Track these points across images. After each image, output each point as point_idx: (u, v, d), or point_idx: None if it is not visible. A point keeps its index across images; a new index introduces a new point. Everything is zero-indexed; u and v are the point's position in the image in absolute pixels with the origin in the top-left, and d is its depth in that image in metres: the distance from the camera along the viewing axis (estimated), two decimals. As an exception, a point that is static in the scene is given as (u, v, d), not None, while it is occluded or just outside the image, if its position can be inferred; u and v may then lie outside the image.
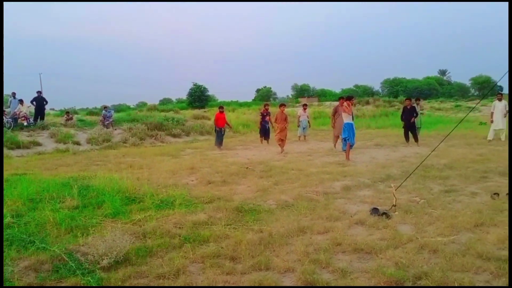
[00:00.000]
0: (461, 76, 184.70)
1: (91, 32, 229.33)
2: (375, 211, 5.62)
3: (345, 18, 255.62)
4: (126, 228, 5.17)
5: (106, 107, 22.81)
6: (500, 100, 15.11)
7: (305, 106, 19.45)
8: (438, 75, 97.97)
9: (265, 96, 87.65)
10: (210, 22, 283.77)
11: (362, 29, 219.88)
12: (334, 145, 14.30)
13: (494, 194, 6.49)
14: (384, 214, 5.51)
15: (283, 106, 14.93)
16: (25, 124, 18.87)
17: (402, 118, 14.90)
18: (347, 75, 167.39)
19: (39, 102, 20.28)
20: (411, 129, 14.56)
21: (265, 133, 16.96)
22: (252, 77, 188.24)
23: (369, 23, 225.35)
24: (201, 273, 3.94)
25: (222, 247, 4.52)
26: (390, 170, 9.03)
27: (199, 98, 52.18)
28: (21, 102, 19.53)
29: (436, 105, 44.87)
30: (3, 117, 17.68)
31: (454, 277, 3.58)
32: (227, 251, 4.40)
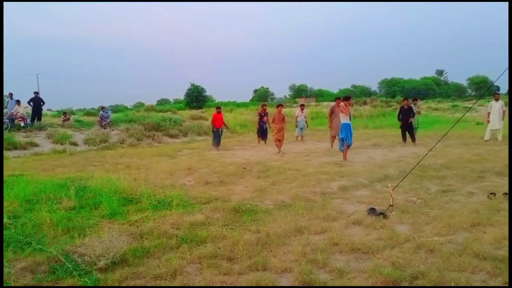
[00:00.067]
0: (458, 76, 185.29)
1: (88, 32, 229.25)
2: (372, 211, 5.63)
3: (343, 18, 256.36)
4: (123, 229, 5.16)
5: (103, 108, 22.80)
6: (497, 100, 15.14)
7: (302, 107, 19.45)
8: (435, 75, 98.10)
9: (262, 96, 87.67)
10: (208, 22, 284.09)
11: (360, 29, 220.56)
12: (331, 145, 14.32)
13: (491, 194, 6.51)
14: (381, 214, 5.52)
15: (281, 106, 14.94)
16: (22, 124, 18.84)
17: (399, 118, 14.96)
18: (345, 76, 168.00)
19: (36, 102, 20.26)
20: (409, 129, 14.60)
21: (262, 133, 16.98)
22: (249, 77, 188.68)
23: (367, 24, 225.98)
24: (198, 273, 3.94)
25: (219, 248, 4.52)
26: (387, 170, 9.05)
27: (197, 98, 52.24)
28: (18, 102, 19.48)
29: (433, 105, 44.93)
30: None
31: (450, 276, 3.59)
32: (224, 252, 4.39)
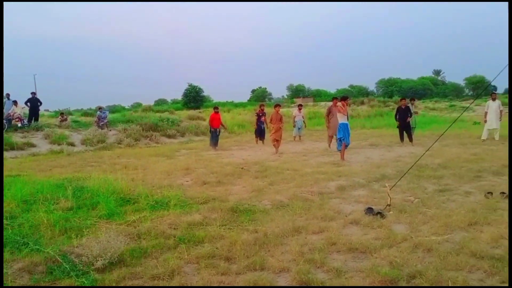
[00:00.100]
0: (455, 76, 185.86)
1: (86, 32, 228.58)
2: (370, 211, 5.64)
3: (340, 19, 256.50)
4: (121, 229, 5.16)
5: (100, 108, 22.75)
6: (494, 100, 15.17)
7: (300, 107, 19.46)
8: (432, 75, 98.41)
9: (260, 96, 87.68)
10: (205, 23, 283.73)
11: (358, 30, 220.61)
12: (329, 145, 14.35)
13: (488, 193, 6.52)
14: (378, 213, 5.53)
15: (278, 106, 14.92)
16: (19, 125, 18.78)
17: (396, 118, 14.98)
18: (342, 76, 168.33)
19: (33, 103, 20.19)
20: (406, 129, 14.63)
21: (260, 133, 16.99)
22: (247, 77, 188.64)
23: (364, 24, 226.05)
24: (196, 273, 3.94)
25: (217, 248, 4.52)
26: (384, 170, 9.06)
27: (194, 98, 52.17)
28: (15, 103, 19.42)
29: (430, 105, 45.12)
30: None
31: (448, 275, 3.60)
32: (222, 252, 4.39)
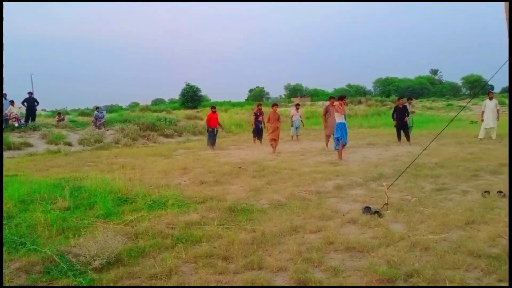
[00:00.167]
0: (452, 75, 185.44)
1: (83, 32, 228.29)
2: (367, 210, 5.64)
3: (338, 19, 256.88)
4: (118, 229, 5.15)
5: (98, 108, 22.69)
6: (491, 99, 15.19)
7: (297, 106, 19.45)
8: (429, 75, 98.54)
9: (258, 96, 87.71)
10: (203, 22, 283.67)
11: (355, 29, 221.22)
12: (326, 144, 14.36)
13: (485, 192, 6.53)
14: (376, 212, 5.53)
15: (276, 106, 14.93)
16: (16, 125, 18.72)
17: (394, 117, 15.00)
18: (340, 75, 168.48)
19: (30, 103, 20.13)
20: (404, 128, 14.65)
21: (258, 133, 16.99)
22: (245, 77, 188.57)
23: (362, 24, 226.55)
24: (193, 273, 3.94)
25: (214, 247, 4.51)
26: (382, 169, 9.07)
27: (192, 98, 52.15)
28: (12, 103, 19.33)
29: (427, 104, 45.23)
30: None
31: (445, 274, 3.61)
32: (220, 251, 4.39)
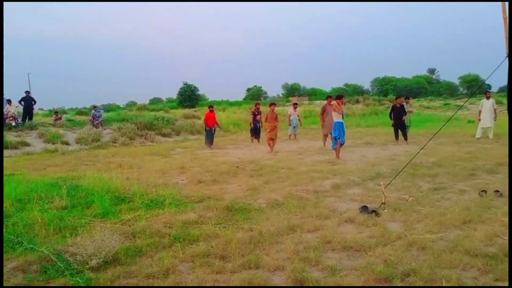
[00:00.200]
0: (449, 74, 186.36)
1: (81, 31, 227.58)
2: (365, 209, 5.65)
3: (336, 18, 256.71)
4: (116, 228, 5.15)
5: (95, 107, 22.65)
6: (488, 98, 15.20)
7: (295, 105, 19.47)
8: (427, 74, 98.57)
9: (255, 95, 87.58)
10: (201, 22, 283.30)
11: (353, 29, 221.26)
12: (324, 143, 14.38)
13: (482, 191, 6.55)
14: (373, 212, 5.54)
15: (273, 105, 14.93)
16: (13, 124, 18.68)
17: (391, 117, 15.02)
18: (338, 74, 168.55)
19: (27, 102, 20.08)
20: (401, 127, 14.67)
21: (256, 132, 17.00)
22: (242, 76, 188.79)
23: (360, 24, 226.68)
24: (190, 272, 3.94)
25: (212, 246, 4.51)
26: (379, 168, 9.09)
27: (190, 97, 52.07)
28: (9, 102, 19.30)
29: (425, 103, 45.25)
30: None
31: (442, 273, 3.62)
32: (217, 250, 4.39)
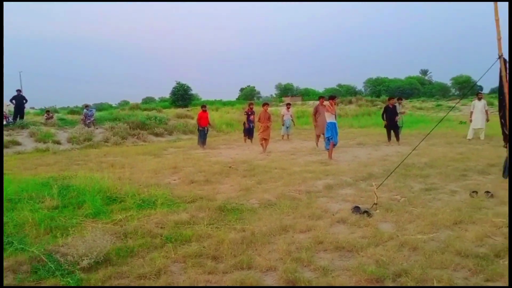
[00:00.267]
0: (442, 76, 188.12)
1: (73, 30, 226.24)
2: (357, 210, 5.67)
3: (329, 19, 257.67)
4: (107, 228, 5.12)
5: (87, 106, 22.46)
6: (480, 99, 15.32)
7: (288, 105, 19.47)
8: (419, 75, 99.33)
9: (249, 95, 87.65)
10: (194, 21, 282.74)
11: (346, 30, 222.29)
12: (317, 144, 14.40)
13: (473, 192, 6.60)
14: (365, 212, 5.56)
15: (266, 105, 14.92)
16: (4, 123, 18.48)
17: (384, 117, 15.07)
18: (330, 75, 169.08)
19: (19, 100, 19.88)
20: (394, 128, 14.72)
21: (249, 132, 17.00)
22: (236, 76, 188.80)
23: (352, 24, 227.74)
24: (182, 272, 3.92)
25: (204, 247, 4.50)
26: (371, 169, 9.12)
27: (182, 97, 52.01)
28: (-1, 100, 19.13)
29: (417, 104, 45.52)
30: None
31: (433, 274, 3.63)
32: (209, 251, 4.38)
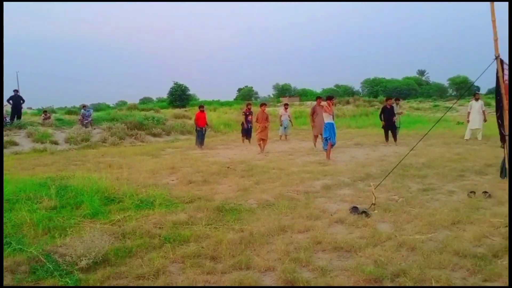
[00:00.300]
0: (439, 76, 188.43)
1: (71, 30, 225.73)
2: (355, 210, 5.68)
3: (327, 19, 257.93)
4: (105, 228, 5.11)
5: (85, 106, 22.41)
6: (477, 100, 15.34)
7: (286, 106, 19.49)
8: (417, 76, 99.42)
9: (246, 95, 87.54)
10: (192, 22, 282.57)
11: (344, 30, 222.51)
12: (314, 144, 14.42)
13: (471, 192, 6.62)
14: (363, 212, 5.57)
15: (264, 105, 14.93)
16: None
17: (381, 118, 15.08)
18: (328, 75, 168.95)
19: (16, 101, 19.81)
20: (392, 128, 14.75)
21: (246, 132, 17.01)
22: (233, 76, 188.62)
23: (350, 24, 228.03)
24: (181, 273, 3.92)
25: (202, 247, 4.50)
26: (369, 169, 9.13)
27: (180, 97, 51.94)
28: (-4, 100, 19.07)
29: (415, 105, 45.52)
30: None
31: (431, 274, 3.64)
32: (208, 251, 4.38)
